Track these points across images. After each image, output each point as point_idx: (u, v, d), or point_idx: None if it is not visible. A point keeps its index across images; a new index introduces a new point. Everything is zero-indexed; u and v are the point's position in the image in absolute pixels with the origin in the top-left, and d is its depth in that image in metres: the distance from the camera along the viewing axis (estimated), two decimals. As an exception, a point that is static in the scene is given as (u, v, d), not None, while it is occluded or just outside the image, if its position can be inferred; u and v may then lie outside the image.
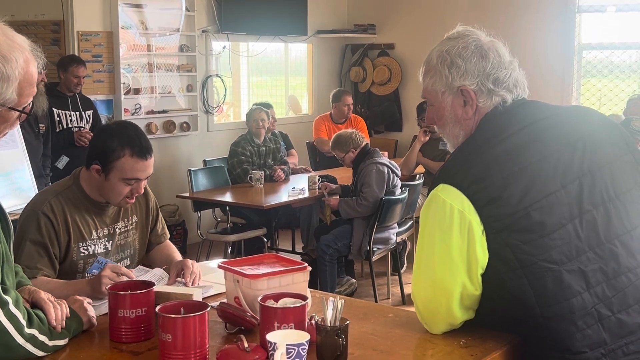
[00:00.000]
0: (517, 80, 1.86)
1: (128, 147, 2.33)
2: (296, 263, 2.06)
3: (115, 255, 2.52)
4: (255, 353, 1.68)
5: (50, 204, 2.37)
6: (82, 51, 5.90)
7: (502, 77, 1.83)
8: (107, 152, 2.34)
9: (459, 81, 1.83)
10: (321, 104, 7.94)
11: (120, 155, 2.33)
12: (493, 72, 1.83)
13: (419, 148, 5.99)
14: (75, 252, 2.41)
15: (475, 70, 1.83)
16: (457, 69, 1.83)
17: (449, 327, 1.85)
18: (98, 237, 2.46)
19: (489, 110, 1.84)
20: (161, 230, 2.69)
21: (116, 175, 2.34)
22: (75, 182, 2.45)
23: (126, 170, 2.33)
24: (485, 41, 1.86)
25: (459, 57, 1.83)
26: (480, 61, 1.83)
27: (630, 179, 1.82)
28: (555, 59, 6.94)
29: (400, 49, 8.01)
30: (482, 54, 1.83)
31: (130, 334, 1.86)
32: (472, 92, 1.83)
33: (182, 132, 6.75)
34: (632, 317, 1.72)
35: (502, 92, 1.84)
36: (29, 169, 4.47)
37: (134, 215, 2.58)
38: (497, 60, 1.84)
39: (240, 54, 7.48)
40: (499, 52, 1.85)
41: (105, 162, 2.34)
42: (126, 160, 2.33)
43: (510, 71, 1.85)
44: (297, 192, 5.31)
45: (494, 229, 1.71)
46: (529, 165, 1.74)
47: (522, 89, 1.87)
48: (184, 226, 6.48)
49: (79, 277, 2.43)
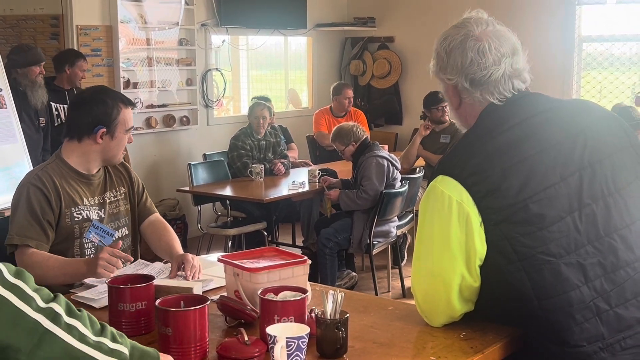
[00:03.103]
0: (502, 81, 1.80)
1: (120, 102, 2.53)
2: (296, 256, 2.06)
3: (110, 224, 2.59)
4: (256, 346, 1.68)
5: (38, 176, 2.48)
6: (81, 45, 5.88)
7: (479, 78, 1.80)
8: (108, 113, 2.50)
9: (441, 74, 1.85)
10: (321, 98, 7.93)
11: (120, 110, 2.51)
12: (470, 71, 1.80)
13: (420, 141, 5.99)
14: (68, 217, 2.48)
15: (454, 67, 1.82)
16: (441, 61, 1.85)
17: (449, 320, 1.85)
18: (90, 204, 2.54)
19: (476, 105, 1.83)
20: (149, 203, 2.77)
21: (121, 129, 2.52)
22: (58, 157, 2.56)
23: (127, 120, 2.54)
24: (476, 35, 1.80)
25: (444, 49, 1.84)
26: (459, 58, 1.81)
27: (631, 173, 1.82)
28: (555, 52, 6.93)
29: (400, 42, 7.99)
30: (463, 50, 1.80)
31: (131, 328, 1.86)
32: (452, 87, 1.85)
33: (181, 126, 6.75)
34: (630, 312, 1.72)
35: (476, 94, 1.81)
36: (28, 163, 4.46)
37: (121, 186, 2.67)
38: (476, 59, 1.79)
39: (239, 47, 7.47)
40: (484, 50, 1.79)
41: (109, 122, 2.50)
42: (125, 112, 2.53)
43: (491, 72, 1.79)
44: (297, 185, 5.31)
45: (493, 221, 1.71)
46: (528, 158, 1.73)
47: (507, 90, 1.81)
48: (184, 220, 6.48)
49: (76, 242, 2.50)
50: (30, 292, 1.31)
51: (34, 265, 2.31)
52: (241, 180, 5.61)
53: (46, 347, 1.29)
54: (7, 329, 1.26)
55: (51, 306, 1.32)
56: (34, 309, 1.29)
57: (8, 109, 4.48)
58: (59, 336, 1.31)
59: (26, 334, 1.27)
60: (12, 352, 1.26)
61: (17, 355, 1.27)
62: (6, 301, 1.27)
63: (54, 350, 1.29)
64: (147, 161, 6.41)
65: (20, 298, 1.28)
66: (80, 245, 2.51)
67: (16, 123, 4.50)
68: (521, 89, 1.84)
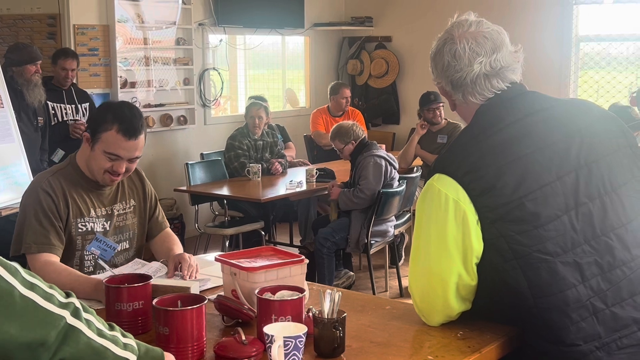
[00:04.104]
0: (477, 81, 1.81)
1: (117, 123, 2.37)
2: (293, 256, 2.06)
3: (114, 236, 2.54)
4: (253, 345, 1.68)
5: (48, 181, 2.43)
6: (78, 45, 5.88)
7: (456, 80, 1.83)
8: (98, 123, 2.40)
9: (433, 77, 1.90)
10: (318, 97, 7.93)
11: (108, 128, 2.38)
12: (448, 74, 1.84)
13: (418, 140, 5.99)
14: (74, 228, 2.44)
15: (438, 71, 1.87)
16: (431, 65, 1.90)
17: (446, 319, 1.85)
18: (97, 215, 2.50)
19: (469, 105, 1.85)
20: (161, 218, 2.71)
21: (100, 147, 2.39)
22: (72, 163, 2.51)
23: (109, 144, 2.38)
24: (454, 38, 1.83)
25: (431, 54, 1.89)
26: (440, 62, 1.85)
27: (628, 172, 1.82)
28: (552, 51, 6.94)
29: (397, 42, 8.00)
30: (441, 55, 1.84)
31: (128, 327, 1.84)
32: (442, 89, 1.89)
33: (179, 125, 6.74)
34: (627, 311, 1.73)
35: (459, 95, 1.85)
36: (25, 163, 4.45)
37: (132, 199, 2.61)
38: (452, 62, 1.82)
39: (237, 47, 7.46)
40: (458, 53, 1.81)
41: (94, 132, 2.41)
42: (111, 134, 2.37)
43: (466, 73, 1.81)
44: (294, 185, 5.31)
45: (489, 219, 1.71)
46: (524, 156, 1.74)
47: (486, 90, 1.82)
48: (181, 220, 6.48)
49: (77, 254, 2.47)
50: (48, 289, 1.32)
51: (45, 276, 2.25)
52: (238, 180, 5.61)
53: (72, 342, 1.30)
54: (37, 329, 1.26)
55: (71, 301, 1.34)
56: (57, 305, 1.30)
57: (5, 108, 4.47)
58: (82, 330, 1.32)
59: (54, 331, 1.28)
60: (42, 350, 1.27)
61: (45, 354, 1.28)
62: (32, 302, 1.27)
63: (79, 345, 1.31)
64: (144, 161, 6.36)
65: (43, 297, 1.29)
66: (80, 258, 2.48)
67: (13, 122, 4.49)
68: (502, 88, 1.83)
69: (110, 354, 1.35)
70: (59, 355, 1.29)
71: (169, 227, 2.73)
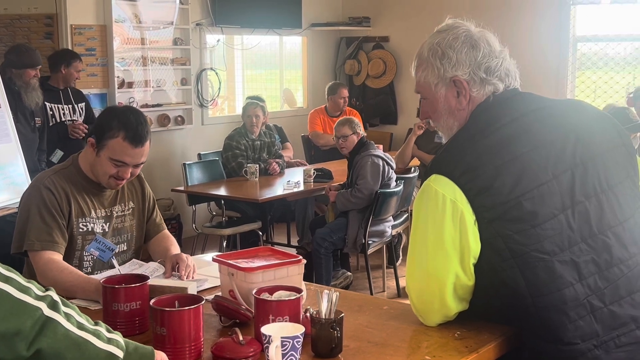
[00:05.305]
0: (509, 69, 1.87)
1: (124, 130, 2.37)
2: (291, 256, 2.06)
3: (112, 238, 2.54)
4: (250, 346, 1.68)
5: (51, 179, 2.44)
6: (75, 45, 5.87)
7: (494, 66, 1.85)
8: (104, 129, 2.40)
9: (451, 72, 1.85)
10: (316, 97, 7.93)
11: (114, 135, 2.38)
12: (484, 61, 1.84)
13: (415, 141, 6.00)
14: (75, 227, 2.44)
15: (467, 60, 1.84)
16: (449, 60, 1.85)
17: (444, 319, 1.85)
18: (97, 216, 2.50)
19: (482, 100, 1.86)
20: (159, 220, 2.71)
21: (106, 153, 2.40)
22: (74, 163, 2.51)
23: (115, 151, 2.38)
24: (474, 31, 1.87)
25: (449, 48, 1.85)
26: (471, 51, 1.84)
27: (623, 171, 1.83)
28: (550, 51, 6.94)
29: (394, 42, 8.00)
30: (473, 44, 1.85)
31: (125, 328, 1.86)
32: (465, 82, 1.85)
33: (176, 125, 6.74)
34: (624, 309, 1.73)
35: (494, 80, 1.85)
36: (22, 163, 4.44)
37: (131, 201, 2.61)
38: (487, 49, 1.85)
39: (234, 47, 7.46)
40: (489, 41, 1.87)
41: (100, 138, 2.41)
42: (117, 142, 2.38)
43: (502, 60, 1.86)
44: (292, 185, 5.31)
45: (486, 219, 1.71)
46: (520, 156, 1.74)
47: (513, 78, 1.88)
48: (179, 220, 6.47)
49: (76, 254, 2.47)
50: (24, 282, 1.34)
51: (47, 274, 2.28)
52: (236, 180, 5.61)
53: (49, 332, 1.31)
54: (11, 319, 1.28)
55: (49, 294, 1.35)
56: (33, 297, 1.32)
57: (2, 108, 4.46)
58: (60, 322, 1.34)
59: (29, 321, 1.30)
60: (18, 340, 1.29)
61: (21, 344, 1.29)
62: (5, 293, 1.29)
63: (56, 336, 1.32)
64: (141, 161, 6.39)
65: (18, 289, 1.31)
66: (79, 258, 2.48)
67: (10, 123, 4.49)
68: (516, 85, 1.88)
69: (91, 347, 1.36)
70: (36, 346, 1.30)
71: (167, 229, 2.74)
